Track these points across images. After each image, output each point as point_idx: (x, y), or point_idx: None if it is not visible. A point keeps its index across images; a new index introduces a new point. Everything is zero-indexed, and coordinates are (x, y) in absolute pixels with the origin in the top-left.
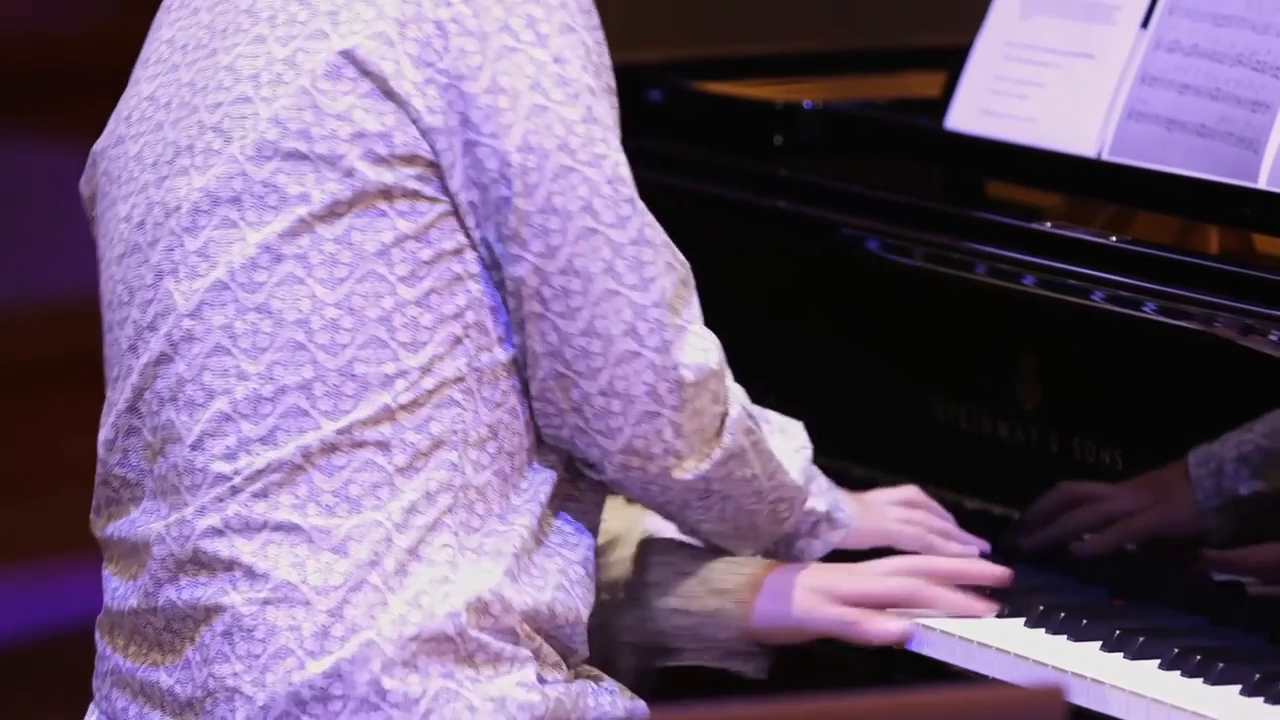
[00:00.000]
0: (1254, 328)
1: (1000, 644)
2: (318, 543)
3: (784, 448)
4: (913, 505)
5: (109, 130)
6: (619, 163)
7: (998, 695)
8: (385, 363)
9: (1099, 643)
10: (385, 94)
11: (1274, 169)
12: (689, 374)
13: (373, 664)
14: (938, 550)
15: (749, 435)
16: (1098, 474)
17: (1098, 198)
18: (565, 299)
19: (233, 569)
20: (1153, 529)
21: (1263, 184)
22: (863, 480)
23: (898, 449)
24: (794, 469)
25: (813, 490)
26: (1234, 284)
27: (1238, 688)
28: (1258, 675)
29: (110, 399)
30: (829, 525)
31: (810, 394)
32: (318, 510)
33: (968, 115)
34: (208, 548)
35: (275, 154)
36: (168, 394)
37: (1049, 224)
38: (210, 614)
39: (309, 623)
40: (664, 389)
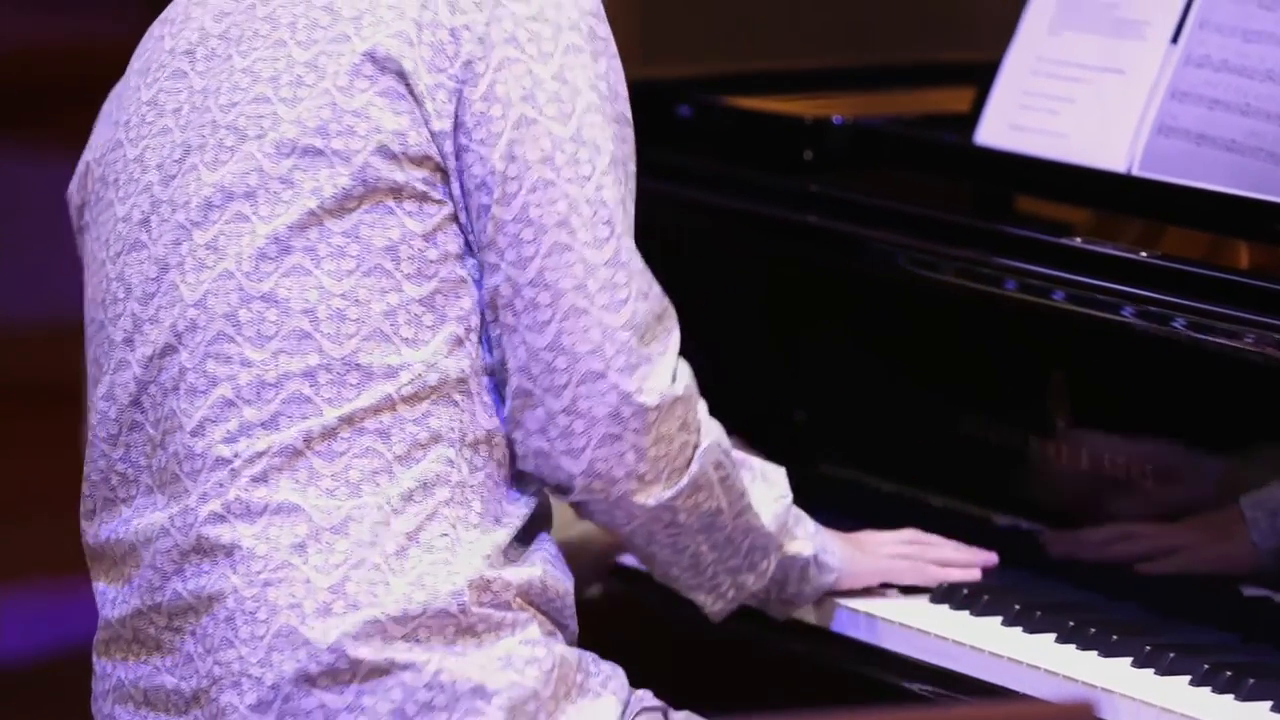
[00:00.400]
0: None
1: (1031, 659)
2: (317, 521)
3: (763, 494)
4: (912, 544)
5: (99, 138)
6: (604, 186)
7: (1028, 711)
8: (389, 355)
9: (1129, 658)
10: (403, 92)
11: None
12: (652, 398)
13: (377, 638)
14: (936, 577)
15: (719, 470)
16: (1128, 489)
17: (1127, 213)
18: (534, 312)
19: (233, 554)
20: (1207, 566)
21: None
22: (891, 495)
23: (926, 464)
24: (767, 515)
25: (798, 535)
26: (1264, 299)
27: (1269, 704)
28: None
29: (99, 395)
30: (818, 569)
31: (838, 409)
32: (317, 493)
33: (997, 130)
34: (210, 534)
35: (293, 151)
36: (170, 384)
37: (1079, 239)
38: (212, 601)
39: (310, 600)
40: (627, 411)
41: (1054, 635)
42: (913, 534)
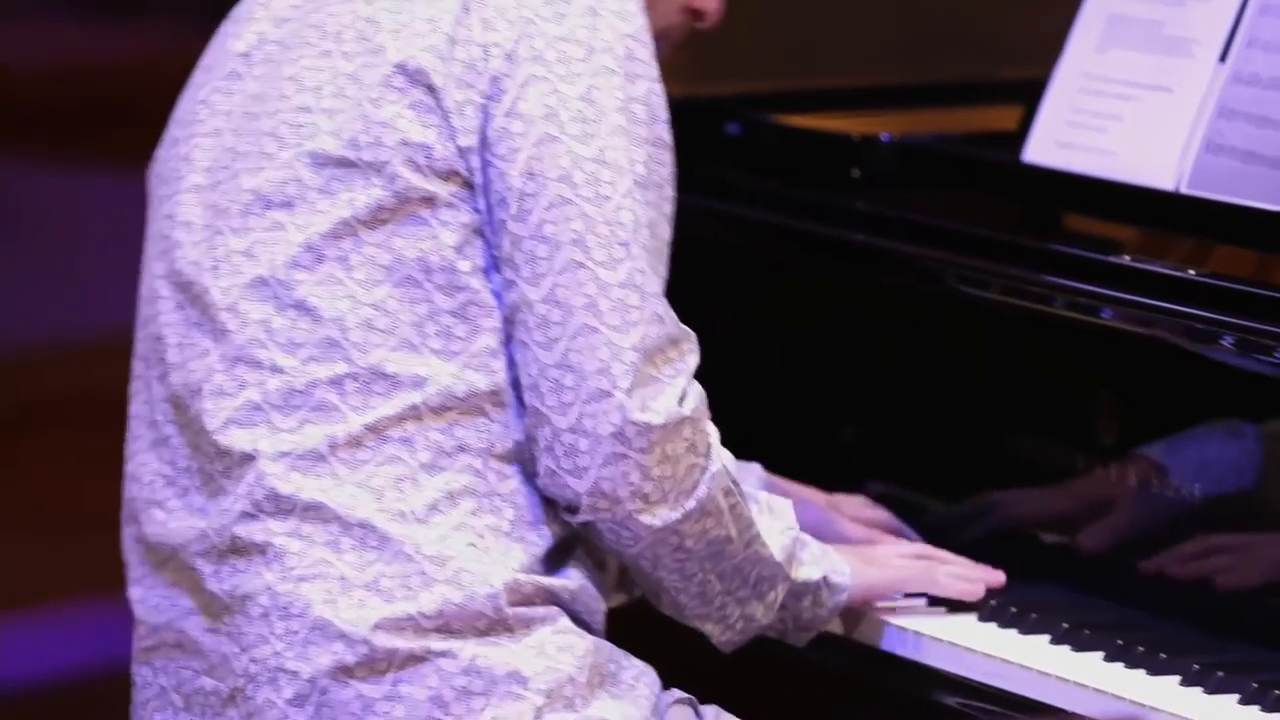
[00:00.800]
0: None
1: (1078, 677)
2: (346, 520)
3: (769, 526)
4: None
5: (167, 133)
6: (624, 208)
7: None
8: (416, 365)
9: (1178, 677)
10: (431, 106)
11: None
12: (657, 417)
13: (410, 630)
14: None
15: (728, 497)
16: (1177, 508)
17: (1175, 231)
18: (545, 329)
19: (266, 551)
20: (1257, 584)
21: None
22: (939, 514)
23: (973, 481)
24: (775, 545)
25: (804, 560)
26: None
27: None
28: None
29: (139, 397)
30: (829, 590)
31: (884, 426)
32: (344, 496)
33: (1045, 148)
34: (243, 533)
35: (329, 162)
36: (197, 386)
37: (1127, 257)
38: (246, 600)
39: (345, 597)
40: (631, 431)
41: (1102, 653)
42: (922, 547)
